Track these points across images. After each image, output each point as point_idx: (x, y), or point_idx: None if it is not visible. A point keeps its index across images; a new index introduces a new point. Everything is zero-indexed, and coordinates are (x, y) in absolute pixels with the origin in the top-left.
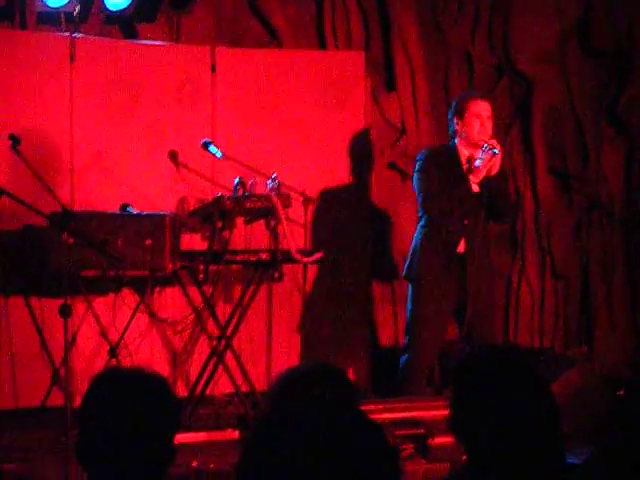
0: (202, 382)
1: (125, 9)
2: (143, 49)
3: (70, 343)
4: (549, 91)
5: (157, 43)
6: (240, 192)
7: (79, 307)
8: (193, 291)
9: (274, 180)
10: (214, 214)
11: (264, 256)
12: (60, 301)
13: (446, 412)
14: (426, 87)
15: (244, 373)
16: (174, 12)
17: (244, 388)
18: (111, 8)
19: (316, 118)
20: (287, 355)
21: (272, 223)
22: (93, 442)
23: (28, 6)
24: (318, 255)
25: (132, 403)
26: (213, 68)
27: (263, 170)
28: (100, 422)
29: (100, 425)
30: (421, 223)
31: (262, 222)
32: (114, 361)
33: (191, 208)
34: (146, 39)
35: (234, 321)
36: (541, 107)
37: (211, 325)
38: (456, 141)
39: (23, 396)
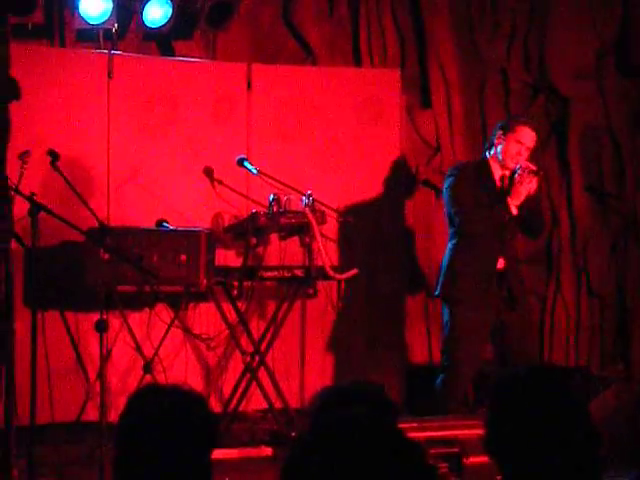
0: (236, 398)
1: (163, 26)
2: (180, 66)
3: (105, 358)
4: (585, 109)
5: (193, 60)
6: (275, 208)
7: (114, 322)
8: (227, 307)
9: (309, 197)
10: (249, 230)
11: (298, 272)
12: (95, 316)
13: (480, 431)
14: (461, 105)
15: (277, 389)
16: (210, 29)
17: (277, 404)
18: (149, 25)
19: (351, 135)
20: (320, 372)
21: (306, 240)
22: (131, 457)
23: (67, 23)
24: (352, 272)
25: (170, 419)
26: (249, 85)
27: (298, 187)
28: (138, 438)
29: (138, 441)
30: (454, 241)
31: (296, 238)
32: (148, 376)
33: (226, 224)
34: (183, 56)
35: (268, 337)
36: (577, 125)
37: (245, 341)
38: (487, 155)
39: (59, 411)
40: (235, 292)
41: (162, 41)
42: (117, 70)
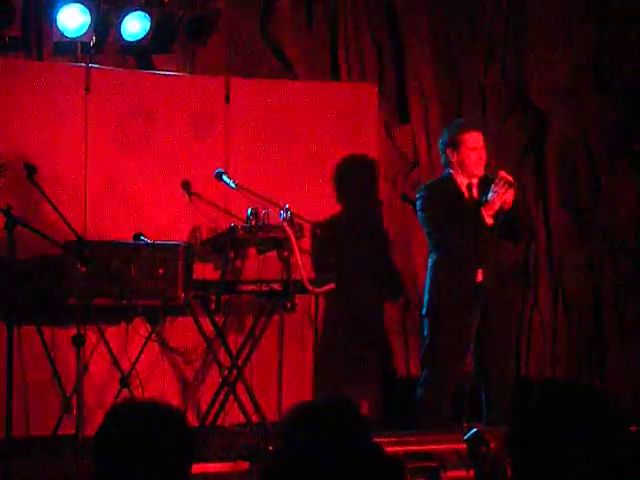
0: (213, 412)
1: (141, 39)
2: (158, 79)
3: (82, 372)
4: (562, 124)
5: (172, 74)
6: (253, 222)
7: (91, 336)
8: (205, 321)
9: (287, 210)
10: (227, 244)
11: (276, 286)
12: (72, 330)
13: (458, 445)
14: (439, 119)
15: (255, 403)
16: (190, 43)
17: (255, 418)
18: (127, 38)
19: (329, 149)
20: (299, 386)
21: (284, 253)
22: (109, 473)
23: (45, 36)
24: (330, 286)
25: (148, 434)
26: (227, 98)
27: (276, 200)
28: (116, 453)
29: (116, 456)
30: (433, 258)
31: (274, 252)
32: (125, 390)
33: (204, 238)
34: (161, 70)
35: (245, 351)
36: (554, 140)
37: (223, 355)
38: (450, 171)
39: (35, 424)
40: (213, 306)
41: (140, 54)
42: (95, 83)
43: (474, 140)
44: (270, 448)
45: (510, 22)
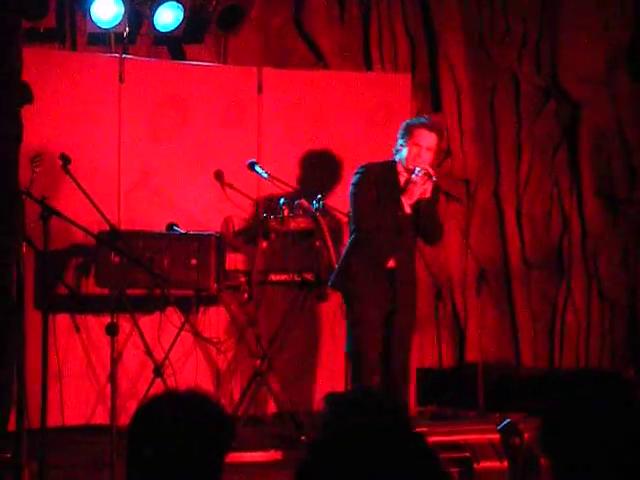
0: (245, 402)
1: (174, 30)
2: (191, 70)
3: (116, 361)
4: (597, 113)
5: (204, 64)
6: (285, 212)
7: (125, 326)
8: (237, 311)
9: (319, 200)
10: (259, 234)
11: (308, 276)
12: (106, 319)
13: (491, 436)
14: (472, 109)
15: (287, 393)
16: (222, 33)
17: (287, 408)
18: (160, 29)
19: (362, 139)
20: (331, 375)
21: (317, 243)
22: (144, 460)
23: (79, 27)
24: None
25: (184, 422)
26: (259, 89)
27: (308, 190)
28: (151, 441)
29: (151, 444)
30: (352, 236)
31: (307, 242)
32: (159, 380)
33: (236, 228)
34: (194, 60)
35: (278, 341)
36: (588, 129)
37: (255, 345)
38: (396, 159)
39: (69, 414)
40: (245, 296)
41: (173, 45)
42: (128, 74)
43: (423, 136)
44: (302, 438)
45: (544, 9)
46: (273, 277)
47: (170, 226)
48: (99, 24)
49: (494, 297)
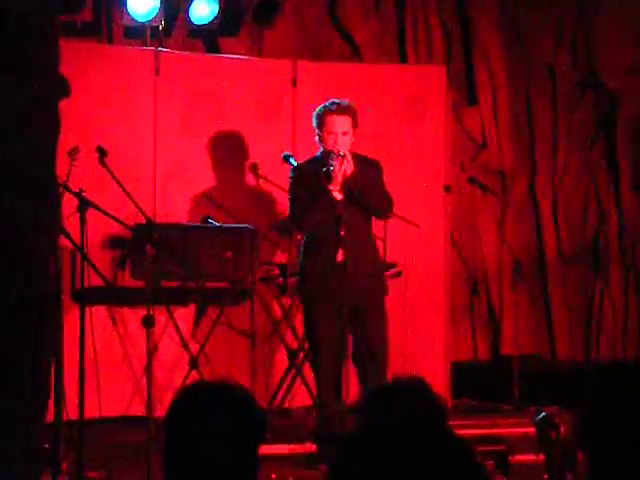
0: (280, 394)
1: (209, 23)
2: (226, 63)
3: (152, 353)
4: (634, 106)
5: (239, 57)
6: None
7: (160, 318)
8: (272, 303)
9: None
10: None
11: None
12: (142, 312)
13: (527, 429)
14: (507, 101)
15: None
16: (257, 26)
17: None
18: (195, 22)
19: (397, 132)
20: None
21: None
22: (179, 452)
23: (115, 21)
24: (395, 270)
25: (218, 414)
26: (294, 82)
27: None
28: (186, 432)
29: (186, 435)
30: (302, 241)
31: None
32: (194, 372)
33: (271, 221)
34: (229, 53)
35: None
36: (625, 122)
37: (290, 337)
38: (321, 150)
39: (106, 405)
40: (280, 289)
41: (208, 38)
42: (164, 67)
43: (333, 122)
44: (336, 431)
45: (580, 1)
46: None
47: (205, 219)
48: (135, 18)
49: (529, 291)
